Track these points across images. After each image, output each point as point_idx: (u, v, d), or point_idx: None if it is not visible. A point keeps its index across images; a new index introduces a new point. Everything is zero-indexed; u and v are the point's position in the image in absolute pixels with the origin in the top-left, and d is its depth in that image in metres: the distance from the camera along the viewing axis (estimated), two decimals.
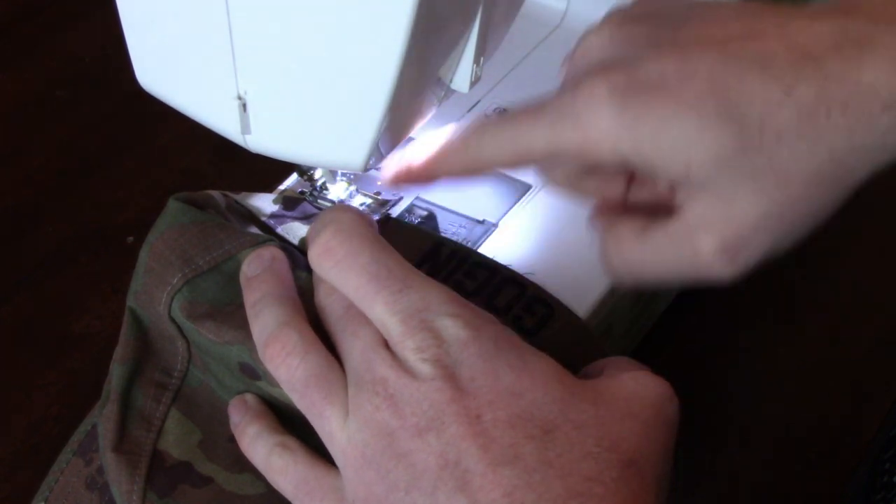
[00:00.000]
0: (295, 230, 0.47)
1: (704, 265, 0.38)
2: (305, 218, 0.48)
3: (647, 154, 0.37)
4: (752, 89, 0.36)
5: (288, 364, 0.38)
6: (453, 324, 0.36)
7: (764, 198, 0.37)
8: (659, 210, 0.42)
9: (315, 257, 0.39)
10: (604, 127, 0.37)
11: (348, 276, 0.38)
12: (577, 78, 0.39)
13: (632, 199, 0.44)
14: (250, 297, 0.41)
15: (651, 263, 0.40)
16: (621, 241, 0.41)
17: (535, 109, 0.40)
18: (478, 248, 0.49)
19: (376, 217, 0.49)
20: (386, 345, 0.37)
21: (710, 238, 0.38)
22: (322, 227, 0.39)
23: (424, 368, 0.36)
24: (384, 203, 0.50)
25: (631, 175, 0.44)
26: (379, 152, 0.48)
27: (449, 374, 0.36)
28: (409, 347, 0.36)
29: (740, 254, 0.38)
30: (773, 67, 0.36)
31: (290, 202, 0.48)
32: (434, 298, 0.37)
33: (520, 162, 0.41)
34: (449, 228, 0.50)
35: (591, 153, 0.38)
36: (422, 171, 0.43)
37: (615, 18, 0.41)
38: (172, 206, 0.45)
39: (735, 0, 0.39)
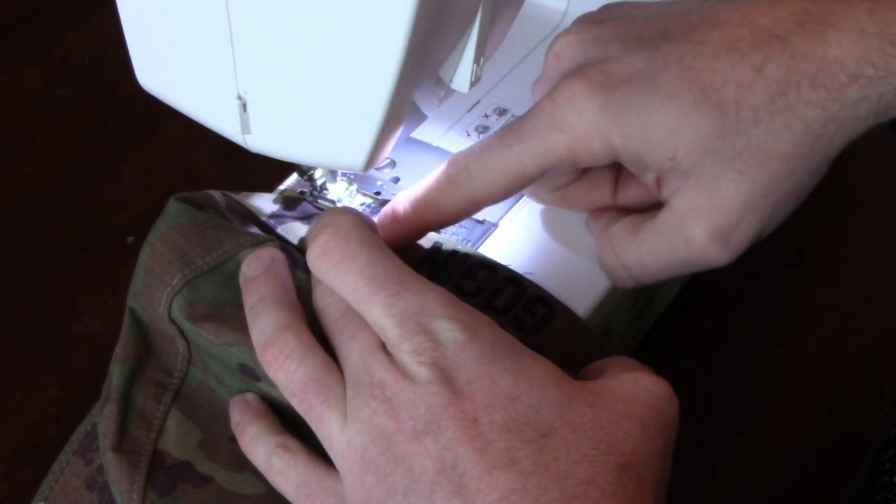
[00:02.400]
0: (295, 230, 0.47)
1: (698, 253, 0.39)
2: (305, 218, 0.48)
3: (635, 145, 0.38)
4: (722, 72, 0.37)
5: (286, 368, 0.38)
6: (450, 327, 0.36)
7: (747, 179, 0.38)
8: (646, 208, 0.42)
9: (313, 259, 0.39)
10: (591, 124, 0.38)
11: (345, 278, 0.38)
12: (552, 84, 0.40)
13: (620, 202, 0.45)
14: (249, 300, 0.41)
15: (647, 260, 0.41)
16: (616, 243, 0.42)
17: (513, 129, 0.41)
18: (478, 248, 0.49)
19: (377, 217, 0.49)
20: (383, 348, 0.37)
21: (700, 226, 0.39)
22: (320, 229, 0.39)
23: (421, 371, 0.36)
24: (384, 203, 0.50)
25: (616, 179, 0.45)
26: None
27: (446, 377, 0.36)
28: (406, 350, 0.36)
29: (731, 237, 0.39)
30: (740, 49, 0.37)
31: (290, 202, 0.48)
32: (431, 301, 0.37)
33: (515, 187, 0.42)
34: (449, 228, 0.50)
35: (581, 154, 0.39)
36: (414, 221, 0.43)
37: (581, 24, 0.42)
38: (172, 206, 0.45)
39: None
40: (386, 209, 0.44)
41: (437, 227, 0.44)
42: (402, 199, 0.44)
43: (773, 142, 0.37)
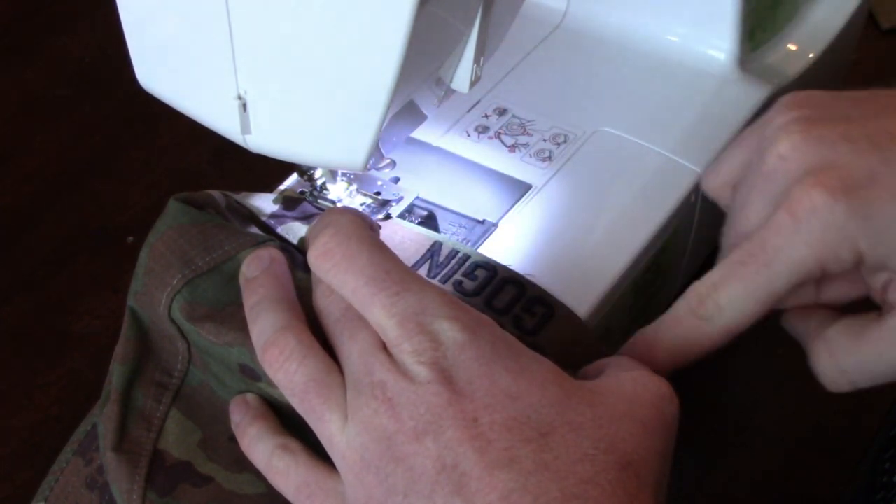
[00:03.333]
0: (295, 230, 0.47)
1: None
2: (305, 218, 0.48)
3: (883, 249, 0.37)
4: None
5: (286, 369, 0.38)
6: (450, 327, 0.36)
7: None
8: (846, 304, 0.42)
9: (314, 259, 0.39)
10: (838, 234, 0.37)
11: (346, 278, 0.38)
12: (779, 192, 0.39)
13: (823, 298, 0.43)
14: (249, 300, 0.41)
15: (872, 366, 0.40)
16: (836, 349, 0.41)
17: (754, 253, 0.39)
18: (478, 248, 0.49)
19: (377, 217, 0.49)
20: (384, 348, 0.37)
21: None
22: (321, 229, 0.39)
23: (422, 372, 0.36)
24: (384, 203, 0.50)
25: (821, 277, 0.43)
26: (379, 152, 0.48)
27: (446, 377, 0.36)
28: (407, 350, 0.36)
29: None
30: None
31: (290, 202, 0.48)
32: (431, 301, 0.37)
33: (767, 309, 0.40)
34: (449, 228, 0.50)
35: (831, 265, 0.38)
36: (666, 364, 0.41)
37: (798, 121, 0.40)
38: (172, 206, 0.45)
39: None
40: (630, 350, 0.42)
41: (686, 366, 0.42)
42: (645, 344, 0.42)
43: None
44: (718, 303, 0.40)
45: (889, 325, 0.39)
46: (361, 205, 0.50)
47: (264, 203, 0.48)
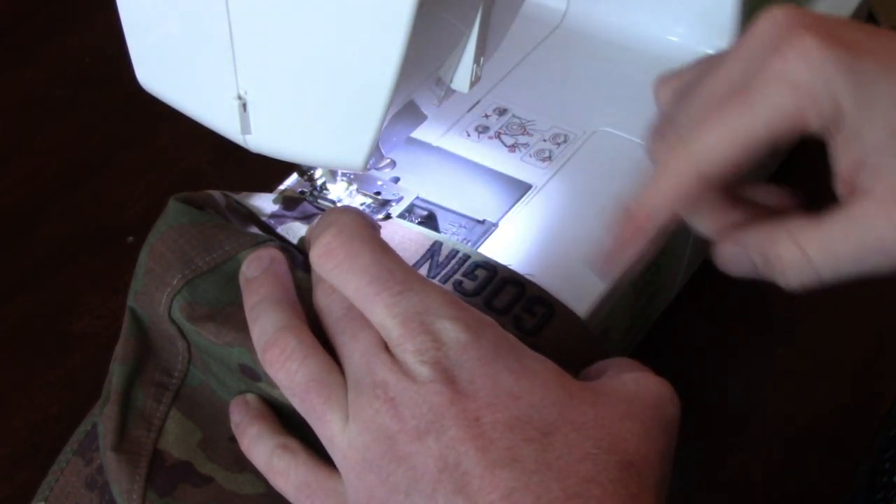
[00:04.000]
0: (295, 230, 0.47)
1: None
2: (305, 218, 0.48)
3: (861, 110, 0.37)
4: None
5: (287, 368, 0.38)
6: (453, 326, 0.36)
7: None
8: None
9: (316, 258, 0.39)
10: (825, 82, 0.37)
11: (348, 277, 0.38)
12: (768, 45, 0.38)
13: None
14: (249, 301, 0.41)
15: (838, 247, 0.39)
16: (799, 234, 0.39)
17: (738, 94, 0.38)
18: (478, 248, 0.49)
19: (377, 217, 0.49)
20: (386, 347, 0.37)
21: None
22: (324, 229, 0.39)
23: (424, 371, 0.36)
24: (384, 203, 0.50)
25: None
26: (379, 152, 0.48)
27: (448, 376, 0.36)
28: (409, 350, 0.36)
29: None
30: None
31: (290, 202, 0.48)
32: (434, 301, 0.37)
33: (744, 159, 0.39)
34: (449, 228, 0.50)
35: (810, 116, 0.37)
36: (643, 217, 0.41)
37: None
38: (172, 206, 0.45)
39: None
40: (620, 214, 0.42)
41: (664, 219, 0.41)
42: (631, 202, 0.41)
43: None
44: (696, 144, 0.39)
45: (853, 207, 0.38)
46: (361, 205, 0.50)
47: (264, 203, 0.48)
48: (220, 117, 0.43)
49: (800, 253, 0.39)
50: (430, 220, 0.51)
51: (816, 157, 0.41)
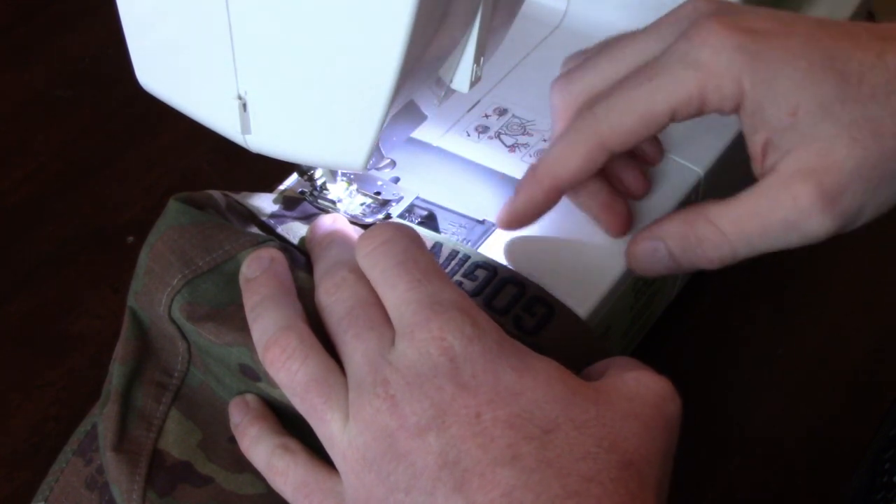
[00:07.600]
0: (295, 230, 0.47)
1: (804, 213, 0.40)
2: (305, 218, 0.48)
3: (762, 92, 0.40)
4: (847, 49, 0.40)
5: (288, 368, 0.38)
6: (462, 319, 0.37)
7: (859, 146, 0.39)
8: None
9: (360, 239, 0.41)
10: (725, 64, 0.40)
11: (378, 258, 0.39)
12: (679, 30, 0.42)
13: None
14: (249, 300, 0.41)
15: (748, 223, 0.41)
16: (712, 212, 0.42)
17: (643, 69, 0.42)
18: (478, 248, 0.49)
19: (377, 217, 0.49)
20: (388, 347, 0.37)
21: (808, 186, 0.40)
22: (378, 224, 0.42)
23: (427, 362, 0.36)
24: (384, 203, 0.50)
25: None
26: (379, 152, 0.48)
27: (452, 367, 0.36)
28: (417, 336, 0.36)
29: (837, 202, 0.40)
30: (861, 39, 0.40)
31: (290, 202, 0.48)
32: (449, 295, 0.38)
33: (644, 129, 0.42)
34: (449, 228, 0.50)
35: (711, 95, 0.40)
36: (544, 179, 0.44)
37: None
38: (172, 206, 0.45)
39: None
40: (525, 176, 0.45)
41: (567, 183, 0.45)
42: (538, 165, 0.45)
43: (887, 119, 0.39)
44: (595, 113, 0.42)
45: (763, 184, 0.41)
46: (361, 205, 0.50)
47: (264, 203, 0.48)
48: (220, 117, 0.43)
49: (716, 231, 0.42)
50: (430, 220, 0.51)
51: None
